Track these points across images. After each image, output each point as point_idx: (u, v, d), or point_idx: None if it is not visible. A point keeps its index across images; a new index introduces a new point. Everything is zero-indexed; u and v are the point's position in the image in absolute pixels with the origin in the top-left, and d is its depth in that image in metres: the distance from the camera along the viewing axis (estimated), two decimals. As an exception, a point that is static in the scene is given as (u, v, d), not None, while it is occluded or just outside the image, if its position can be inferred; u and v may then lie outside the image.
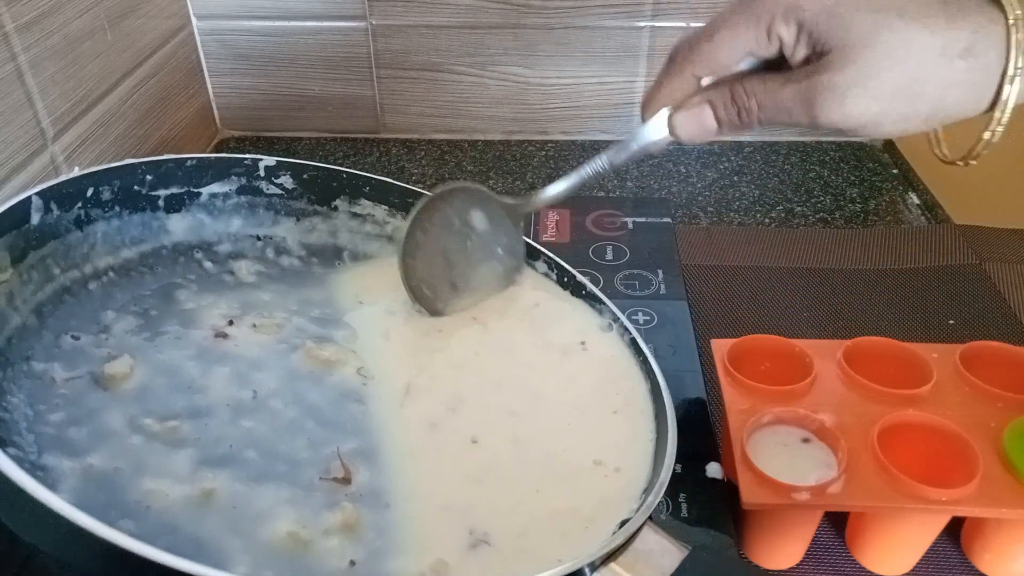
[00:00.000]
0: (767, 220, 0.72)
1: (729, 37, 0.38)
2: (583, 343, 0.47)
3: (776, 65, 0.38)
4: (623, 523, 0.35)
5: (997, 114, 0.36)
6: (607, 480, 0.40)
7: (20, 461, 0.34)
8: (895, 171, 0.79)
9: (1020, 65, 0.34)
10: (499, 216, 0.48)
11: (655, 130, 0.41)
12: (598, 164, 0.44)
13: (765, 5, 0.37)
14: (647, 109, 0.42)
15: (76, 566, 0.31)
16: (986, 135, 0.37)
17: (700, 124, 0.40)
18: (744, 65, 0.39)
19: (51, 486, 0.34)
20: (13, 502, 0.29)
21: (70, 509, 0.28)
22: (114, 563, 0.28)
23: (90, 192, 0.46)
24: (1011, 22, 0.34)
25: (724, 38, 0.38)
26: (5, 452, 0.30)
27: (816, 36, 0.36)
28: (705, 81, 0.40)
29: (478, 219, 0.48)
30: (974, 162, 0.40)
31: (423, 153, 0.83)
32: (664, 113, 0.41)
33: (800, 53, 0.37)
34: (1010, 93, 0.35)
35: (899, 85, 0.35)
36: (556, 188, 0.46)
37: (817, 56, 0.36)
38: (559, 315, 0.49)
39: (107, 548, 0.27)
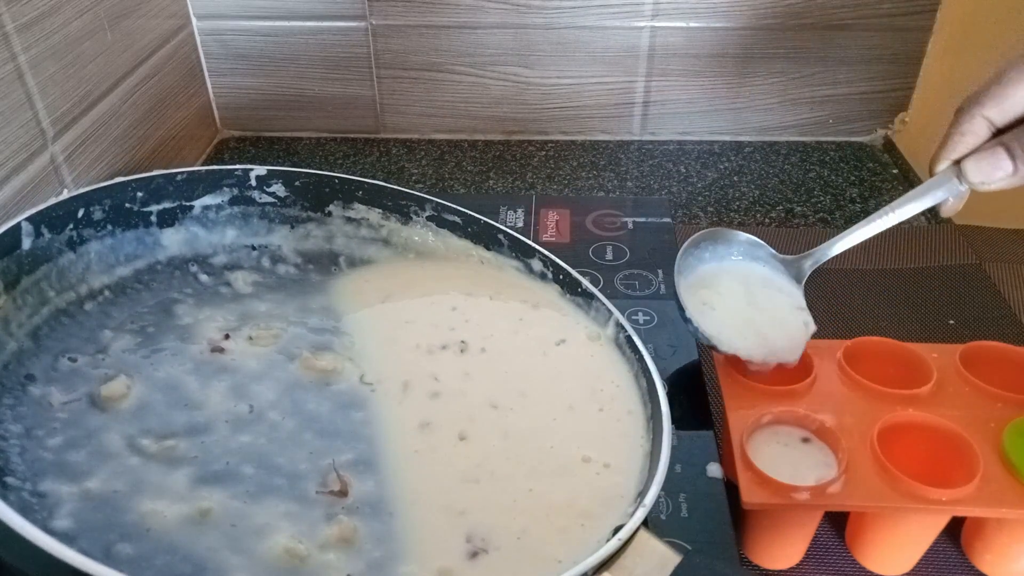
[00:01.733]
0: (767, 220, 0.72)
1: (1020, 76, 0.38)
2: (576, 341, 0.47)
3: None
4: (617, 529, 0.34)
5: None
6: (598, 477, 0.40)
7: (17, 489, 0.34)
8: (895, 171, 0.79)
9: None
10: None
11: (943, 179, 0.42)
12: (886, 217, 0.45)
13: None
14: (938, 162, 0.42)
15: None
16: None
17: (993, 163, 0.39)
18: None
19: (49, 511, 0.34)
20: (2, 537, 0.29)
21: (59, 547, 0.28)
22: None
23: (81, 213, 0.45)
24: None
25: (1013, 78, 0.38)
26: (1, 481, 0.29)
27: None
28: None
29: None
30: None
31: (423, 153, 0.83)
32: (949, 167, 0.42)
33: None
34: None
35: None
36: (840, 243, 0.47)
37: None
38: (556, 314, 0.49)
39: None
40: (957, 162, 0.42)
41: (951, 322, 0.58)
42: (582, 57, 0.80)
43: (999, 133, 0.40)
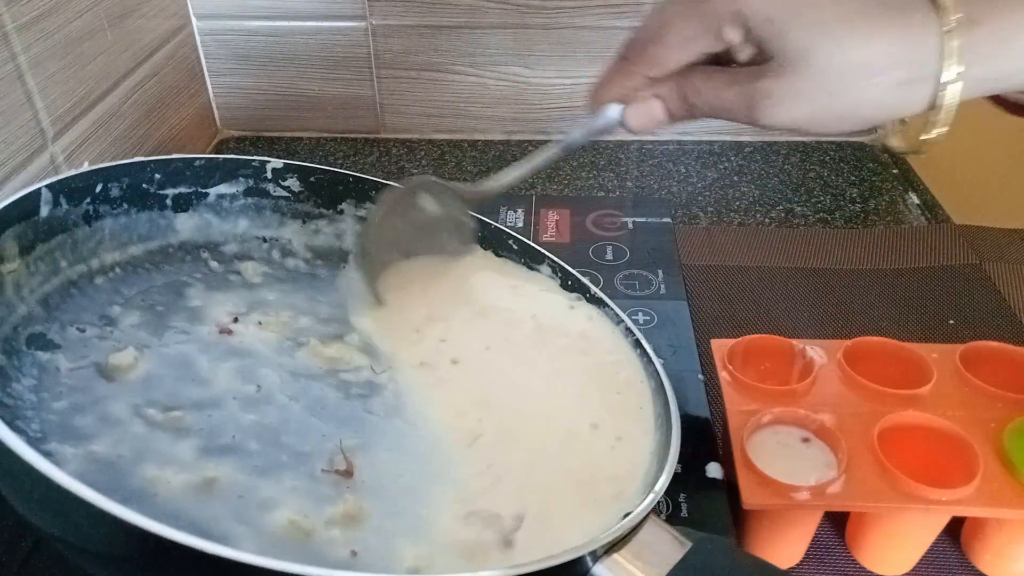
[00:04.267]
0: (767, 220, 0.72)
1: (680, 41, 0.39)
2: (585, 339, 0.48)
3: (723, 57, 0.39)
4: (626, 515, 0.35)
5: (934, 116, 0.36)
6: (613, 451, 0.40)
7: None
8: (895, 171, 0.79)
9: (954, 72, 0.35)
10: (451, 201, 0.50)
11: (604, 118, 0.44)
12: (550, 152, 0.46)
13: (714, 8, 0.37)
14: (596, 101, 0.43)
15: (86, 546, 0.31)
16: (929, 135, 0.38)
17: (650, 117, 0.42)
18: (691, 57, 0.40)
19: None
20: (23, 483, 0.29)
21: (84, 488, 0.28)
22: (124, 541, 0.28)
23: (99, 188, 0.46)
24: (945, 29, 0.34)
25: (675, 42, 0.39)
26: (9, 424, 0.30)
27: (759, 41, 0.37)
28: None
29: (428, 203, 0.49)
30: (923, 154, 0.40)
31: (423, 153, 0.83)
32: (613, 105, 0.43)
33: (746, 53, 0.38)
34: (944, 98, 0.35)
35: (835, 93, 0.36)
36: (507, 176, 0.48)
37: (761, 58, 0.37)
38: (561, 315, 0.49)
39: (119, 525, 0.27)
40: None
41: (951, 322, 0.58)
42: (582, 57, 0.80)
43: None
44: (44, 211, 0.42)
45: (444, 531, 0.36)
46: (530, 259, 0.52)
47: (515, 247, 0.53)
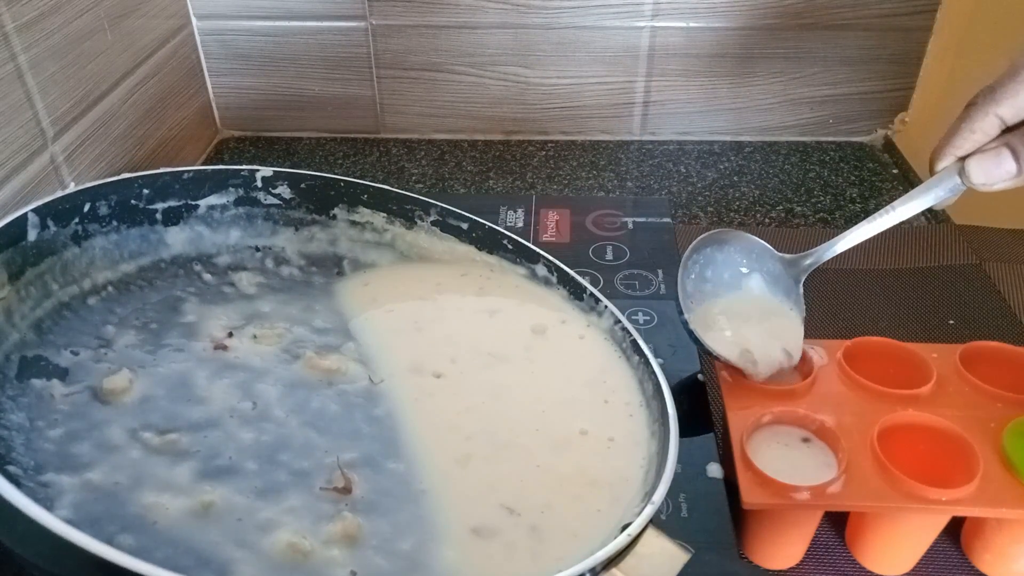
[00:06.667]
0: (767, 220, 0.72)
1: None
2: (581, 337, 0.48)
3: None
4: (625, 527, 0.34)
5: None
6: (608, 452, 0.40)
7: (19, 478, 0.34)
8: (895, 171, 0.79)
9: None
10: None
11: (945, 179, 0.41)
12: (887, 217, 0.44)
13: None
14: (940, 158, 0.41)
15: None
16: None
17: (998, 165, 0.38)
18: None
19: (50, 502, 0.34)
20: (5, 518, 0.29)
21: (61, 525, 0.28)
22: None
23: (87, 207, 0.46)
24: None
25: None
26: (2, 469, 0.29)
27: None
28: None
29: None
30: None
31: (423, 153, 0.83)
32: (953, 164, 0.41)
33: None
34: None
35: None
36: (841, 243, 0.46)
37: None
38: (559, 314, 0.50)
39: (96, 563, 0.27)
40: (961, 158, 0.41)
41: (951, 322, 0.58)
42: (582, 57, 0.80)
43: (1006, 131, 0.39)
44: (32, 235, 0.42)
45: (443, 546, 0.36)
46: (525, 258, 0.52)
47: (510, 247, 0.53)
